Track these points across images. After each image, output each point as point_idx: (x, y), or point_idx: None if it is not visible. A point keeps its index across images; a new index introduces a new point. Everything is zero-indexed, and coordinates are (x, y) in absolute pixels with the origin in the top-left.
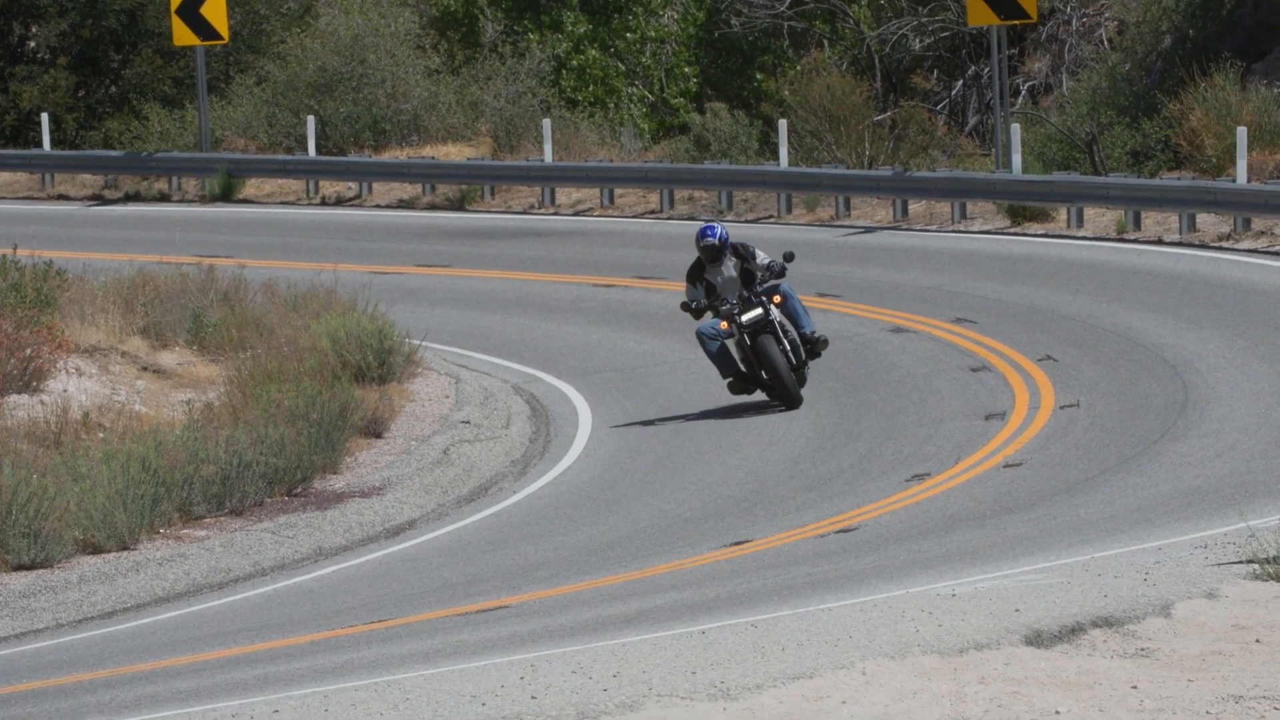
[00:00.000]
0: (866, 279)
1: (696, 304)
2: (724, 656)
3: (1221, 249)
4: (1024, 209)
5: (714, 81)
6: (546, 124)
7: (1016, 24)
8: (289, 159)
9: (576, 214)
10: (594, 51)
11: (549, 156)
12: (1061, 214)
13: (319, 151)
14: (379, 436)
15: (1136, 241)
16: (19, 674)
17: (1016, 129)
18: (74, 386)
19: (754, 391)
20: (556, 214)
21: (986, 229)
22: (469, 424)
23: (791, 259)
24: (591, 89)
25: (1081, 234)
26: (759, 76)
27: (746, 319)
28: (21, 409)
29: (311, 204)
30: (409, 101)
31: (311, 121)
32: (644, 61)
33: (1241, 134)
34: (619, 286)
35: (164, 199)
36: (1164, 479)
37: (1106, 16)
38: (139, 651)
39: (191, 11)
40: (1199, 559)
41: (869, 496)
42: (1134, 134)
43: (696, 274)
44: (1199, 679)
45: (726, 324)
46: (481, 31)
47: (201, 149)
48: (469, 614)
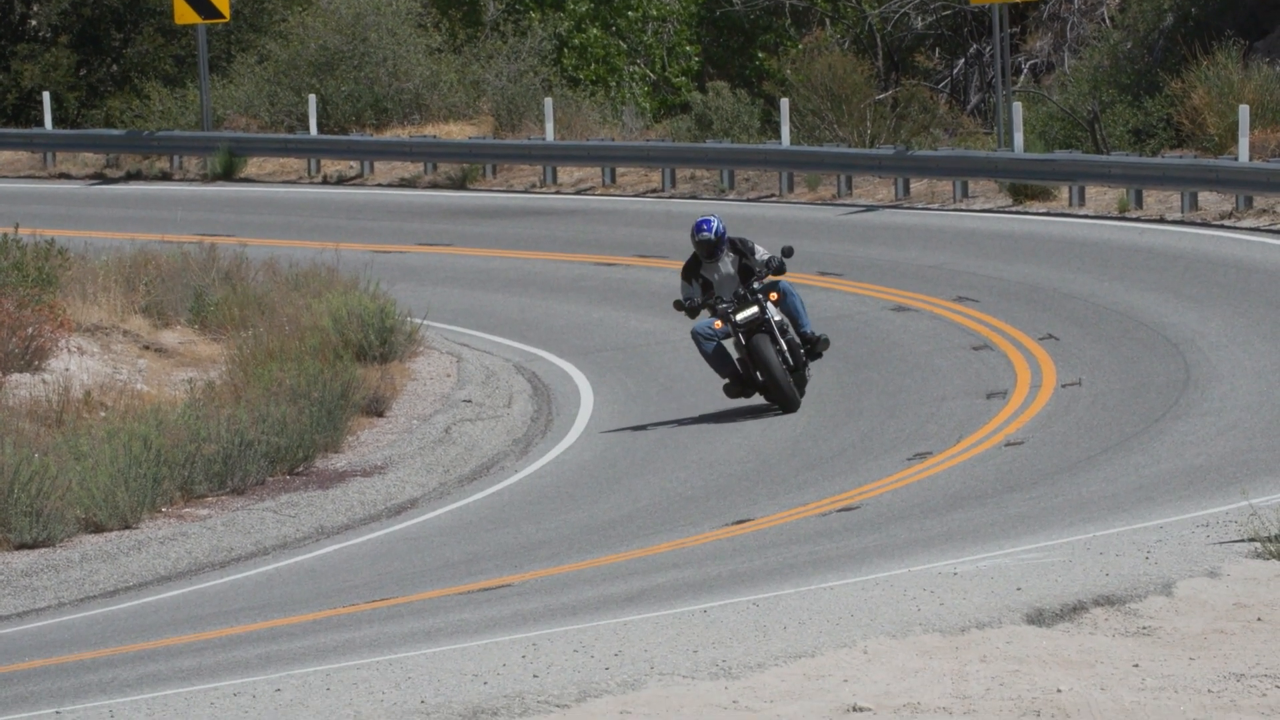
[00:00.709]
0: (868, 258)
1: (691, 302)
2: (726, 635)
3: (1223, 227)
4: (1026, 187)
5: (716, 60)
6: (548, 103)
7: (1018, 2)
8: (290, 138)
9: (578, 193)
10: (595, 30)
11: (550, 135)
12: (1063, 192)
13: (320, 130)
14: (381, 415)
15: (1138, 220)
16: (21, 653)
17: (1018, 107)
18: (76, 365)
19: (752, 394)
20: (558, 193)
21: (988, 207)
22: (471, 403)
23: (790, 254)
24: (593, 68)
25: (1083, 212)
26: (761, 55)
27: (741, 317)
28: (23, 388)
29: (313, 183)
30: (410, 80)
31: (313, 100)
32: (645, 40)
33: (1243, 112)
34: (620, 265)
35: (165, 178)
36: (1166, 457)
37: None
38: (141, 630)
39: None
40: (1201, 537)
41: (870, 475)
42: (1136, 112)
43: (692, 270)
44: (1200, 657)
45: (721, 323)
46: (483, 10)
47: (203, 128)
48: (471, 593)
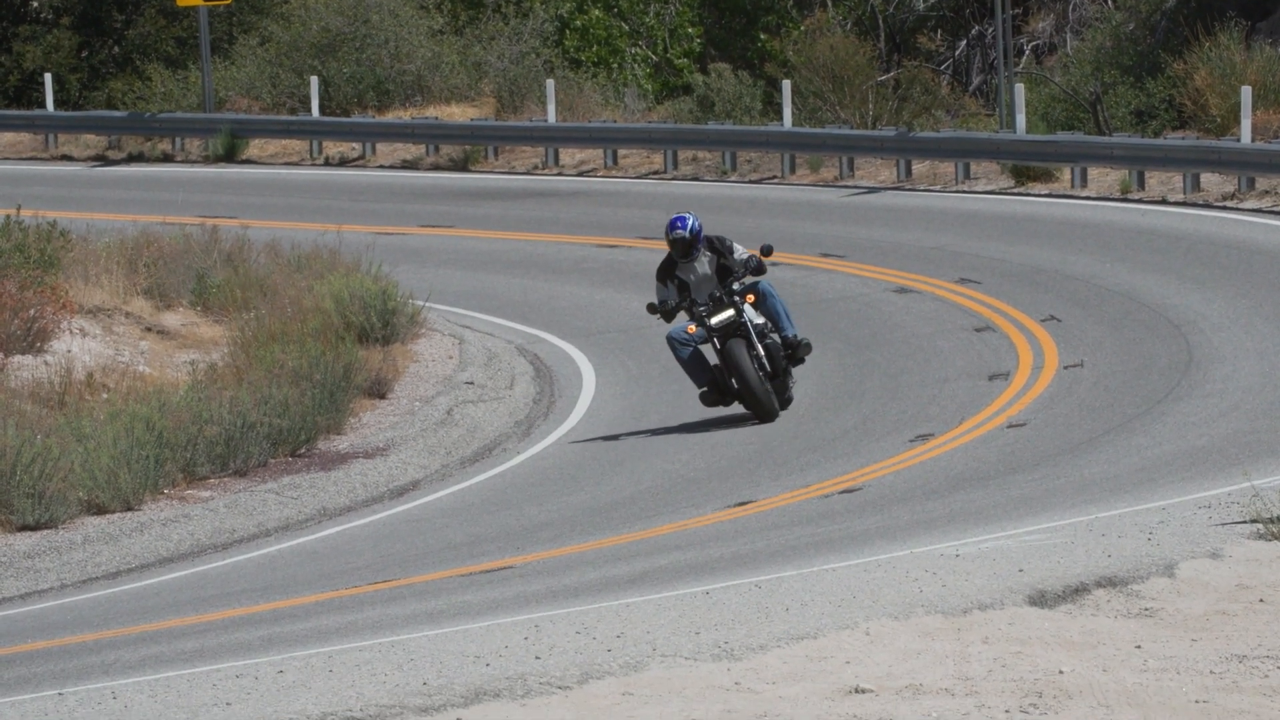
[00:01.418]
0: (870, 239)
1: (665, 305)
2: (728, 617)
3: (1226, 209)
4: (1028, 169)
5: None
6: (550, 84)
7: None
8: (292, 120)
9: (580, 174)
10: (597, 11)
11: (552, 117)
12: (1065, 174)
13: (322, 112)
14: (383, 397)
15: (1140, 201)
16: (24, 634)
17: (1020, 89)
18: (78, 347)
19: (730, 403)
20: (560, 174)
21: (990, 189)
22: (473, 385)
23: (769, 252)
24: (595, 49)
25: (1085, 194)
26: (763, 37)
27: (716, 321)
28: (25, 370)
29: (315, 164)
30: (412, 62)
31: (315, 82)
32: (647, 21)
33: (1246, 93)
34: (623, 247)
35: (167, 159)
36: (1168, 439)
37: None
38: (143, 612)
39: None
40: (1203, 519)
41: (873, 457)
42: (1138, 94)
43: (667, 271)
44: (1203, 639)
45: (695, 327)
46: None
47: (205, 110)
48: (473, 574)
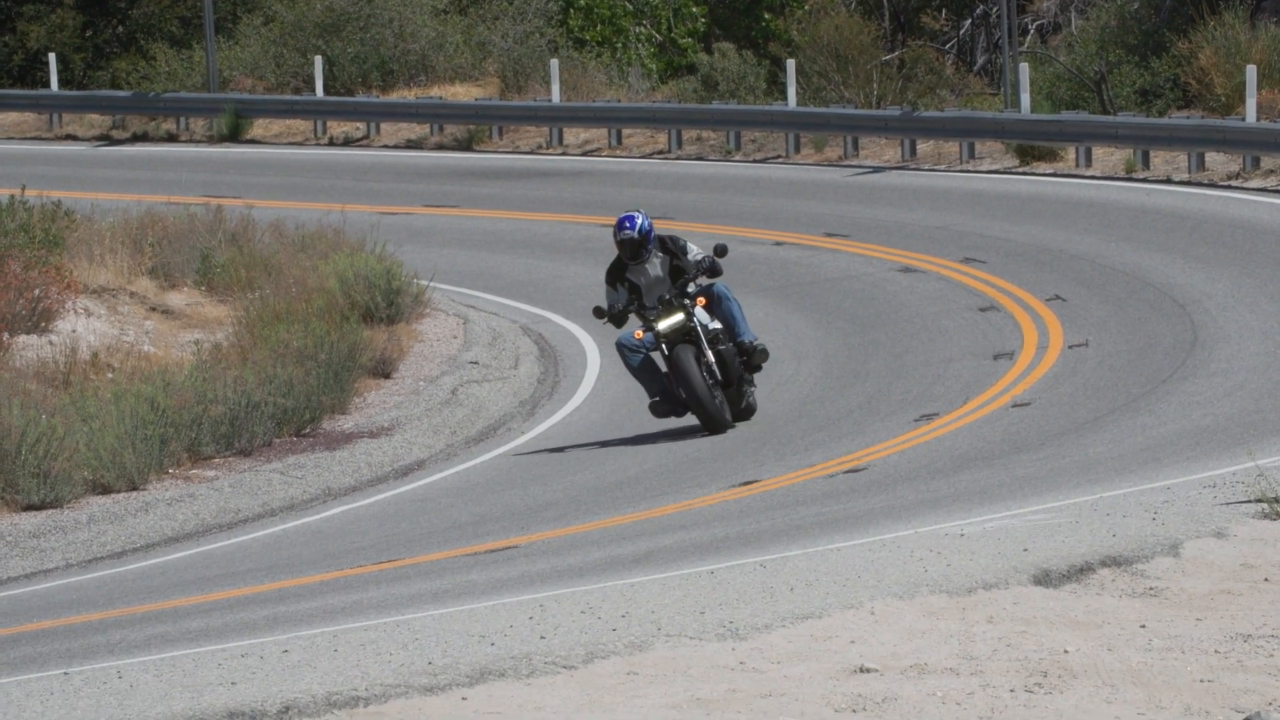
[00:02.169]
0: (874, 219)
1: (613, 309)
2: (732, 596)
3: (1230, 188)
4: (1032, 148)
5: (722, 21)
6: (554, 64)
7: None
8: (296, 99)
9: (584, 154)
10: None
11: (556, 97)
12: (1070, 153)
13: (326, 92)
14: (387, 377)
15: (1145, 181)
16: (29, 614)
17: (1025, 68)
18: (82, 327)
19: (684, 414)
20: (564, 154)
21: (995, 168)
22: (477, 364)
23: (724, 253)
24: (599, 29)
25: (1090, 173)
26: (767, 16)
27: (664, 326)
28: (30, 349)
29: (319, 144)
30: (416, 42)
31: (319, 62)
32: (651, 1)
33: (1251, 72)
34: None
35: (172, 139)
36: (1172, 418)
37: None
38: (148, 592)
39: None
40: (1208, 498)
41: (877, 436)
42: (1143, 73)
43: (616, 274)
44: (1207, 618)
45: (642, 333)
46: None
47: (209, 89)
48: (478, 554)
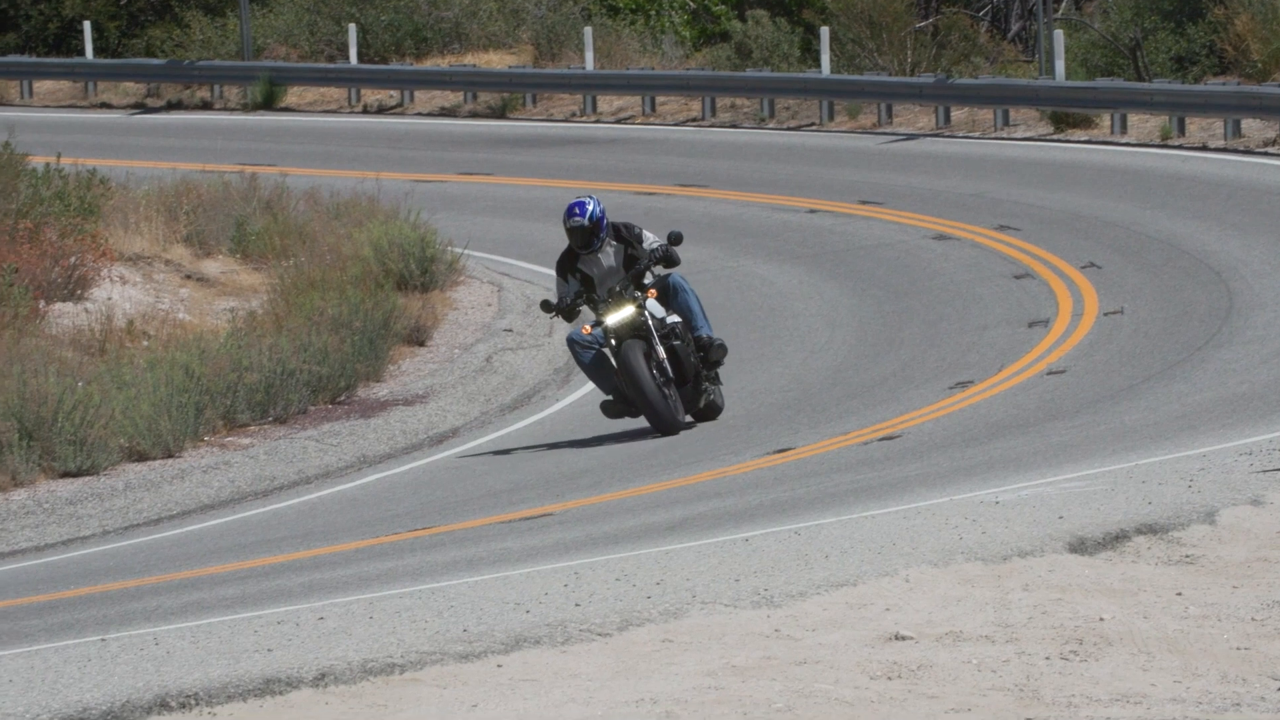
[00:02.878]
0: (909, 186)
1: (561, 302)
2: (767, 564)
3: (1267, 154)
4: (1067, 115)
5: None
6: (588, 31)
7: None
8: (331, 67)
9: (618, 122)
10: None
11: (590, 64)
12: (1105, 120)
13: (360, 59)
14: (422, 345)
15: (1180, 148)
16: (67, 580)
17: (1060, 35)
18: (118, 295)
19: (638, 414)
20: (598, 122)
21: (1029, 136)
22: (512, 332)
23: (679, 240)
24: None
25: (1125, 140)
26: None
27: (613, 321)
28: (66, 317)
29: (353, 112)
30: (450, 9)
31: (353, 29)
32: None
33: None
34: (661, 194)
35: (206, 107)
36: (1208, 385)
37: None
38: (185, 558)
39: None
40: (1244, 465)
41: (912, 404)
42: (1178, 39)
43: (567, 264)
44: (1244, 585)
45: (590, 328)
46: None
47: (243, 57)
48: (512, 521)
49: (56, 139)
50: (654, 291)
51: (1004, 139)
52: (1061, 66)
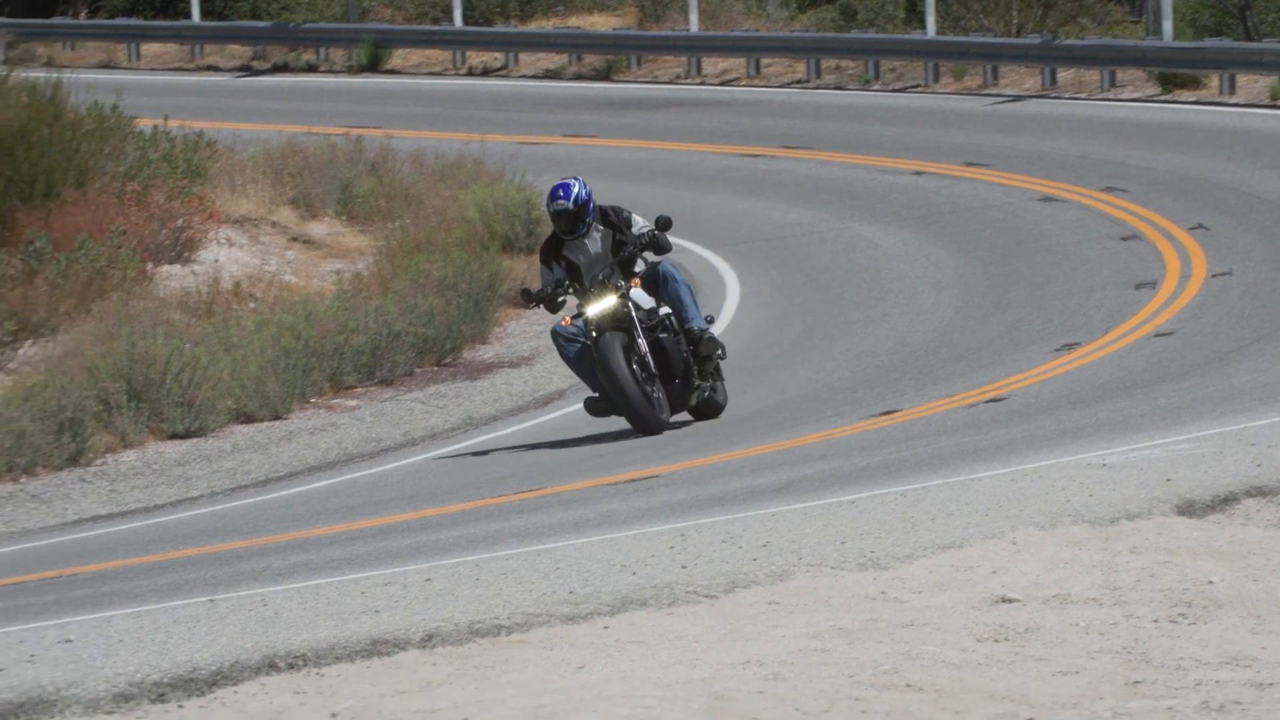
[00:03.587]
0: (1014, 148)
1: (541, 291)
2: (873, 526)
3: None
4: (1174, 76)
5: None
6: None
7: None
8: (435, 29)
9: (723, 84)
10: None
11: (695, 26)
12: (1213, 81)
13: (465, 22)
14: (527, 307)
15: None
16: (176, 541)
17: None
18: (225, 257)
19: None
20: (703, 84)
21: (1136, 97)
22: None
23: (668, 225)
24: None
25: (1234, 101)
26: None
27: (593, 312)
28: (174, 279)
29: (458, 74)
30: None
31: None
32: None
33: None
34: (765, 156)
35: (311, 70)
36: None
37: None
38: (292, 520)
39: None
40: None
41: (1018, 366)
42: None
43: (552, 251)
44: None
45: (570, 319)
46: None
47: (349, 19)
48: (618, 483)
49: (163, 102)
50: (637, 280)
51: (1110, 100)
52: (1169, 27)
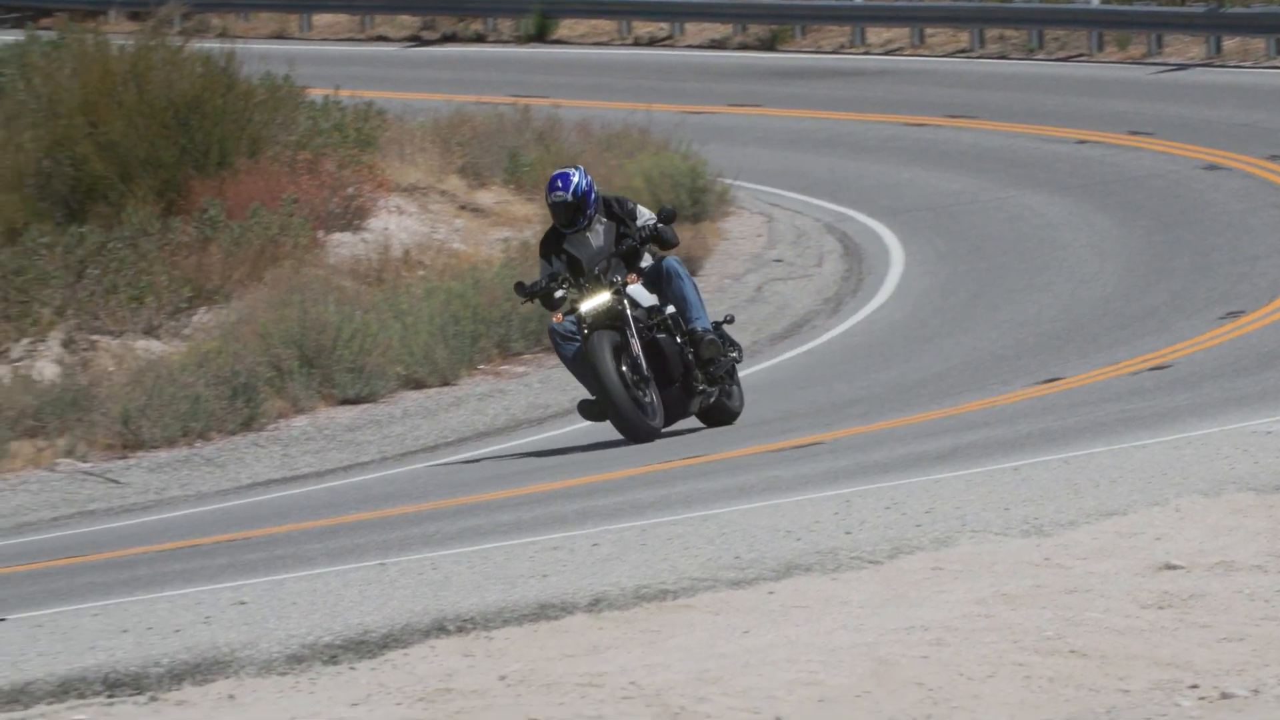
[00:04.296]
0: (1179, 116)
1: (534, 285)
2: (1037, 493)
3: None
4: None
5: None
6: None
7: None
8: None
9: (886, 54)
10: None
11: None
12: None
13: None
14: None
15: None
16: (347, 505)
17: None
18: (394, 225)
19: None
20: (867, 53)
21: None
22: (781, 262)
23: (672, 218)
24: None
25: None
26: None
27: (586, 309)
28: (344, 247)
29: (624, 44)
30: None
31: None
32: None
33: None
34: (930, 126)
35: (480, 40)
36: None
37: None
38: (461, 485)
39: None
40: None
41: (1182, 334)
42: None
43: (551, 245)
44: None
45: (561, 316)
46: None
47: None
48: (783, 450)
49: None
50: (634, 276)
51: (1277, 68)
52: None
